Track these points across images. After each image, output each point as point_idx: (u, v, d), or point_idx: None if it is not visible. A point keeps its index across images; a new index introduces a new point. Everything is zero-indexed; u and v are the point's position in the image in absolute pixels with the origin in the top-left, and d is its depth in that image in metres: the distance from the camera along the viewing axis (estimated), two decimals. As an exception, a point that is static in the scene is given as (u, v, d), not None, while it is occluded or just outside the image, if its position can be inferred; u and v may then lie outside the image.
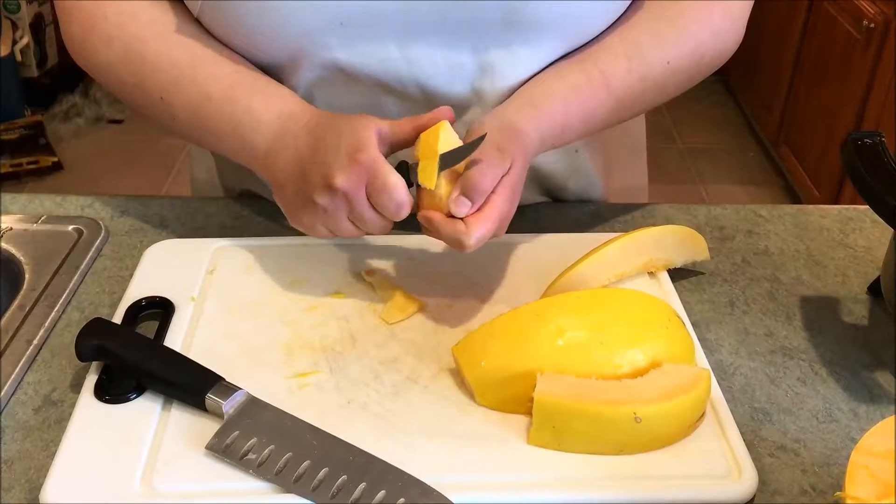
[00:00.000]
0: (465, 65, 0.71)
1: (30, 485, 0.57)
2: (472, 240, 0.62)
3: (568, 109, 0.70)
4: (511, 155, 0.64)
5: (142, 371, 0.61)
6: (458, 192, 0.62)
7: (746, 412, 0.63)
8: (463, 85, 0.72)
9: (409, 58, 0.70)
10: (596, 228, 0.84)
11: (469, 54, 0.70)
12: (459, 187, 0.62)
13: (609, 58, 0.71)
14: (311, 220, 0.66)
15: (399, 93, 0.73)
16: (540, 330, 0.61)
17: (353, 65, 0.70)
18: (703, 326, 0.71)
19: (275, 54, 0.71)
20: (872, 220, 0.86)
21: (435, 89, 0.72)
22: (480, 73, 0.71)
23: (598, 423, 0.57)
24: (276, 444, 0.57)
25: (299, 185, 0.65)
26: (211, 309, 0.70)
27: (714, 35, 0.74)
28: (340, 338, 0.68)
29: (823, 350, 0.69)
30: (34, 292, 0.73)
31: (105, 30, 0.71)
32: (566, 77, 0.71)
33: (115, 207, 0.86)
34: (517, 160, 0.65)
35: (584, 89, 0.71)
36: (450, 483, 0.55)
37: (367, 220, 0.64)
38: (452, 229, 0.62)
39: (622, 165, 0.92)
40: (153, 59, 0.70)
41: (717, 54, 0.76)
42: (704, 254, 0.77)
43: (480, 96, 0.73)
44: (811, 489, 0.58)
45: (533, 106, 0.69)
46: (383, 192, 0.62)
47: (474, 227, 0.62)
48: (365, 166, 0.61)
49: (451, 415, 0.61)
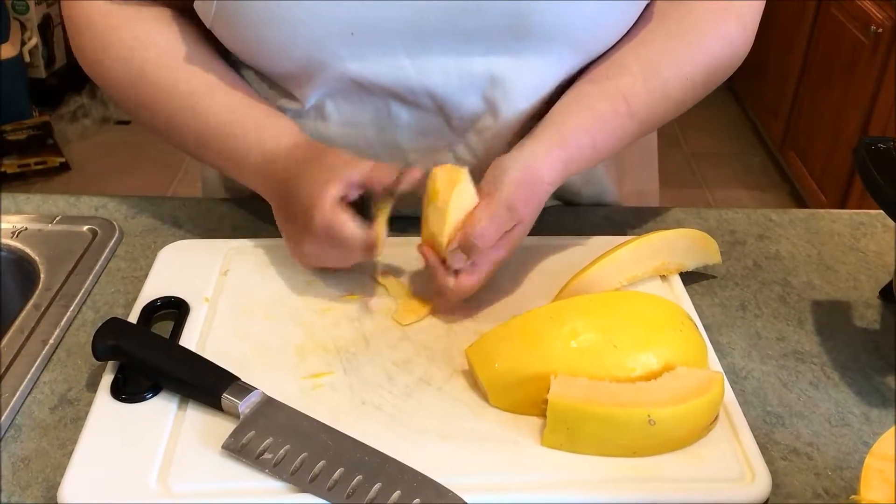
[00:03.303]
0: (476, 74, 0.71)
1: (46, 483, 0.57)
2: (455, 297, 0.67)
3: (595, 143, 0.71)
4: (519, 215, 0.66)
5: (158, 370, 0.62)
6: (456, 245, 0.65)
7: (759, 415, 0.63)
8: (475, 95, 0.72)
9: (420, 67, 0.70)
10: (608, 232, 0.84)
11: (480, 64, 0.70)
12: (458, 239, 0.65)
13: (629, 80, 0.71)
14: (306, 262, 0.73)
15: (411, 103, 0.73)
16: (553, 332, 0.61)
17: (364, 75, 0.71)
18: (715, 330, 0.72)
19: (286, 65, 0.71)
20: (884, 225, 0.86)
21: (446, 99, 0.72)
22: (492, 83, 0.71)
23: (612, 425, 0.57)
24: (291, 444, 0.57)
25: (286, 231, 0.71)
26: (225, 309, 0.71)
27: (728, 44, 0.75)
28: (353, 339, 0.68)
29: (835, 354, 0.70)
30: (49, 292, 0.73)
31: (119, 52, 0.73)
32: (592, 106, 0.71)
33: (129, 208, 0.86)
34: (524, 220, 0.67)
35: (610, 120, 0.71)
36: (463, 484, 0.55)
37: (351, 259, 0.69)
38: (443, 280, 0.67)
39: (635, 170, 0.93)
40: (165, 86, 0.73)
41: (730, 61, 0.76)
42: (716, 257, 0.77)
43: (492, 107, 0.73)
44: (824, 493, 0.58)
45: (562, 145, 0.69)
46: (344, 245, 0.66)
47: (463, 280, 0.66)
48: (320, 227, 0.65)
49: (465, 416, 0.61)
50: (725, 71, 0.76)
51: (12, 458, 0.59)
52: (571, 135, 0.69)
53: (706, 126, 3.07)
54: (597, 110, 0.71)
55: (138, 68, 0.73)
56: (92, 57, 0.75)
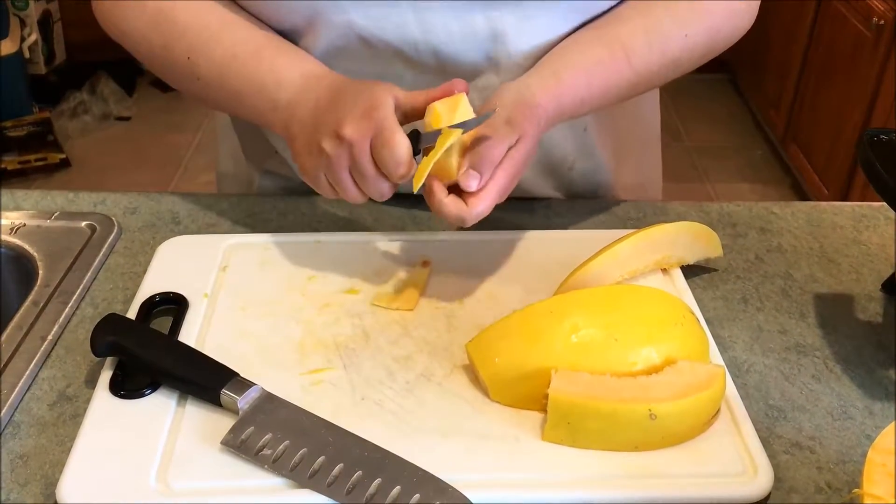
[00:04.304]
0: (478, 31, 0.72)
1: (45, 480, 0.57)
2: (472, 218, 0.64)
3: (590, 82, 0.71)
4: (520, 129, 0.66)
5: (157, 367, 0.62)
6: (467, 165, 0.64)
7: (761, 409, 0.63)
8: (477, 51, 0.73)
9: (423, 22, 0.71)
10: (609, 225, 0.84)
11: (482, 20, 0.71)
12: (468, 160, 0.64)
13: (629, 32, 0.73)
14: (315, 167, 0.66)
15: (414, 61, 0.74)
16: (554, 327, 0.61)
17: (369, 29, 0.71)
18: (717, 324, 0.71)
19: (292, 17, 0.72)
20: (886, 218, 0.85)
21: (449, 56, 0.73)
22: (494, 40, 0.72)
23: (613, 420, 0.57)
24: (291, 440, 0.57)
25: (311, 133, 0.66)
26: (224, 305, 0.70)
27: (730, 12, 0.76)
28: (353, 335, 0.68)
29: (838, 347, 0.69)
30: (48, 288, 0.73)
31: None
32: (589, 50, 0.72)
33: (128, 204, 0.86)
34: (526, 135, 0.66)
35: (606, 63, 0.72)
36: (464, 480, 0.55)
37: (368, 176, 0.64)
38: (455, 207, 0.64)
39: (635, 155, 0.93)
40: (183, 21, 0.73)
41: (731, 31, 0.77)
42: (718, 251, 0.77)
43: (494, 63, 0.74)
44: (827, 487, 0.58)
45: (556, 78, 0.70)
46: (386, 147, 0.62)
47: (475, 204, 0.64)
48: (375, 122, 0.63)
49: (465, 412, 0.61)
50: (726, 40, 0.77)
51: (11, 455, 0.59)
52: (565, 71, 0.70)
53: (708, 119, 3.06)
54: (593, 53, 0.72)
55: (158, 7, 0.73)
56: (110, 7, 0.76)
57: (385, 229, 0.82)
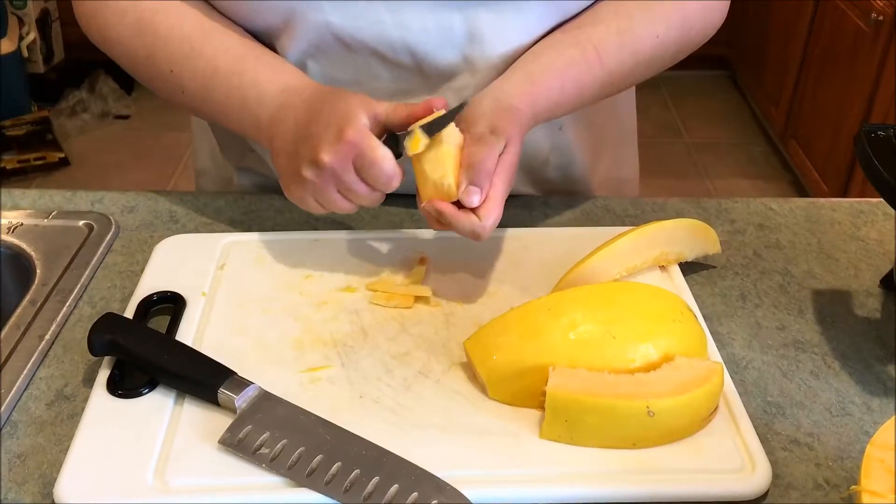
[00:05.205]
0: (454, 30, 0.72)
1: (43, 479, 0.57)
2: (487, 231, 0.64)
3: (563, 85, 0.72)
4: (505, 135, 0.66)
5: (154, 366, 0.62)
6: (466, 182, 0.64)
7: (759, 406, 0.63)
8: (453, 51, 0.73)
9: (399, 22, 0.71)
10: (606, 222, 0.84)
11: (459, 19, 0.71)
12: (465, 176, 0.64)
13: (601, 32, 0.73)
14: (301, 194, 0.67)
15: (391, 60, 0.74)
16: (552, 324, 0.61)
17: (345, 28, 0.71)
18: (715, 320, 0.71)
19: (269, 17, 0.72)
20: (884, 213, 0.85)
21: (425, 55, 0.73)
22: (470, 40, 0.72)
23: (611, 416, 0.57)
24: (288, 439, 0.57)
25: (292, 158, 0.66)
26: (221, 304, 0.70)
27: (702, 7, 0.77)
28: (351, 332, 0.67)
29: (836, 343, 0.69)
30: (45, 287, 0.73)
31: (118, 4, 0.73)
32: (562, 51, 0.73)
33: (125, 203, 0.86)
34: (513, 139, 0.67)
35: (578, 65, 0.72)
36: (462, 477, 0.55)
37: (358, 193, 0.65)
38: (468, 222, 0.64)
39: (611, 151, 0.93)
40: (165, 32, 0.72)
41: (705, 26, 0.77)
42: (716, 247, 0.77)
43: (470, 63, 0.74)
44: (825, 483, 0.58)
45: (530, 82, 0.70)
46: (373, 167, 0.63)
47: (486, 217, 0.64)
48: (352, 142, 0.63)
49: (463, 409, 0.61)
50: (699, 35, 0.78)
51: (8, 455, 0.59)
52: (539, 75, 0.71)
53: (707, 116, 3.06)
54: (566, 55, 0.72)
55: (139, 16, 0.73)
56: (92, 14, 0.75)
57: (382, 227, 0.82)
